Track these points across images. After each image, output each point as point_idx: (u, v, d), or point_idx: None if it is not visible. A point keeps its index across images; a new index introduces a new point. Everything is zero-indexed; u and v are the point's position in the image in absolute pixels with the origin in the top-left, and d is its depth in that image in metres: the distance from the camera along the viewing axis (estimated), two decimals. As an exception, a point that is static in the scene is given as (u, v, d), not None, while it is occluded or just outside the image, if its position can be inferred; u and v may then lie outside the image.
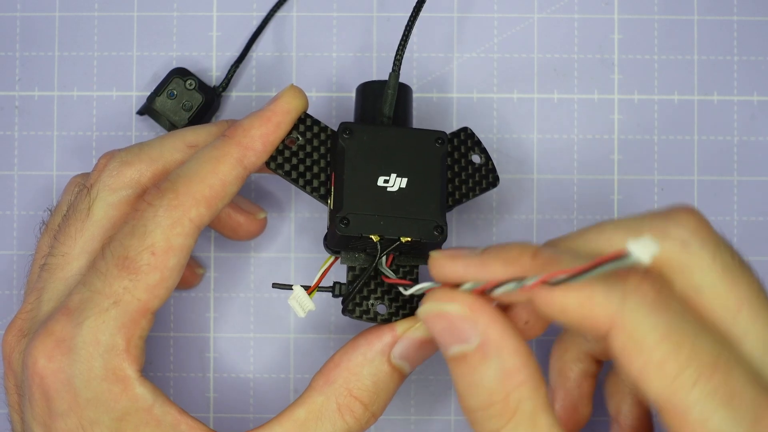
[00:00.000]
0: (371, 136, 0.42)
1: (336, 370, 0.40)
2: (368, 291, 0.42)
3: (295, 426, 0.40)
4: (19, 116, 0.50)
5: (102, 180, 0.42)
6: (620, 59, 0.50)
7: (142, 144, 0.43)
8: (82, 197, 0.42)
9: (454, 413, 0.49)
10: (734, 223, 0.49)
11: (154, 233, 0.39)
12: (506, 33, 0.50)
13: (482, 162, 0.44)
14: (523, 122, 0.50)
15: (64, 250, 0.41)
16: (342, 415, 0.40)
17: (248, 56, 0.50)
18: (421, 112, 0.50)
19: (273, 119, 0.41)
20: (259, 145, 0.41)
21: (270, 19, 0.50)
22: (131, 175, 0.42)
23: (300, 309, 0.41)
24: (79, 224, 0.41)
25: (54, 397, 0.38)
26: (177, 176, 0.40)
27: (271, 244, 0.49)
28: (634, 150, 0.50)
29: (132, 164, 0.42)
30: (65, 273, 0.41)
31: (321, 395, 0.40)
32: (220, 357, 0.49)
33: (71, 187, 0.44)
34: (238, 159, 0.41)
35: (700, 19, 0.50)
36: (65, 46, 0.50)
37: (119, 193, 0.42)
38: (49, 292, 0.41)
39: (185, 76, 0.48)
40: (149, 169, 0.42)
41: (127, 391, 0.39)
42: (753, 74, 0.50)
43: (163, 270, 0.39)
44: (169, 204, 0.39)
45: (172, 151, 0.42)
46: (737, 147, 0.50)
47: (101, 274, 0.39)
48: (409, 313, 0.41)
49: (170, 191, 0.40)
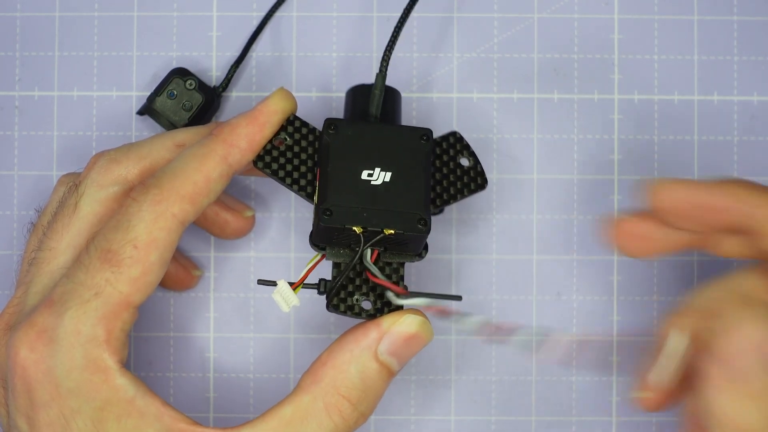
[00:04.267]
0: (356, 132, 0.42)
1: (323, 368, 0.40)
2: (353, 287, 0.41)
3: (281, 424, 0.39)
4: (19, 116, 0.50)
5: (90, 177, 0.43)
6: (620, 59, 0.50)
7: (133, 143, 0.44)
8: (71, 193, 0.43)
9: (454, 413, 0.49)
10: (734, 223, 0.49)
11: (137, 227, 0.39)
12: (506, 33, 0.50)
13: (471, 165, 0.44)
14: (523, 122, 0.50)
15: (51, 245, 0.42)
16: (329, 415, 0.40)
17: (248, 56, 0.50)
18: (422, 113, 0.50)
19: (259, 119, 0.42)
20: (244, 143, 0.41)
21: (269, 18, 0.50)
22: (119, 172, 0.43)
23: (284, 303, 0.41)
24: (66, 219, 0.42)
25: (36, 387, 0.39)
26: (162, 173, 0.41)
27: (271, 245, 0.50)
28: (634, 150, 0.50)
29: (120, 162, 0.43)
30: (51, 267, 0.42)
31: (308, 394, 0.40)
32: (220, 357, 0.49)
33: (60, 186, 0.45)
34: (222, 156, 0.41)
35: (700, 19, 0.50)
36: (65, 46, 0.50)
37: (106, 190, 0.42)
38: (35, 286, 0.41)
39: (185, 76, 0.48)
40: (137, 167, 0.43)
41: (108, 381, 0.39)
42: (753, 74, 0.50)
43: (145, 263, 0.39)
44: (153, 199, 0.40)
45: (161, 150, 0.43)
46: (737, 147, 0.50)
47: (84, 267, 0.39)
48: (395, 309, 0.41)
49: (154, 187, 0.40)
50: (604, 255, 0.49)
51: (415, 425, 0.49)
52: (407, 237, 0.41)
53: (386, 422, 0.49)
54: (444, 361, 0.49)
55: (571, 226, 0.49)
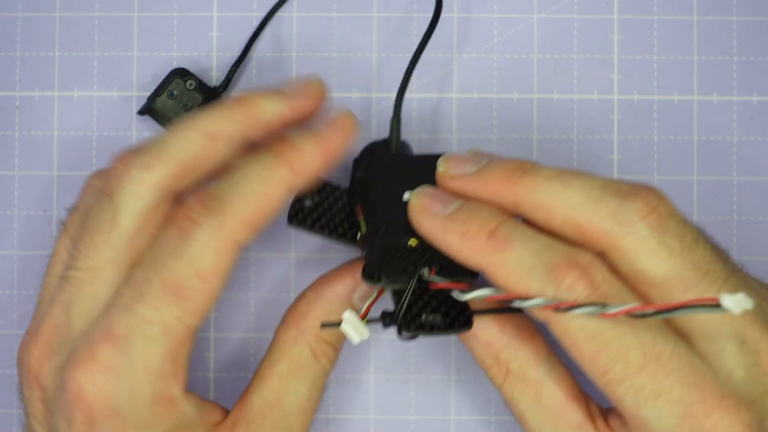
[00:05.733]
0: (385, 163, 0.43)
1: (306, 319, 0.43)
2: (419, 307, 0.41)
3: (281, 381, 0.42)
4: (19, 116, 0.50)
5: (125, 188, 0.40)
6: (620, 59, 0.50)
7: (157, 142, 0.40)
8: (103, 206, 0.40)
9: (454, 413, 0.49)
10: (734, 223, 0.49)
11: (201, 257, 0.38)
12: (506, 33, 0.50)
13: None
14: (523, 122, 0.50)
15: (89, 263, 0.40)
16: (318, 360, 0.43)
17: (248, 56, 0.50)
18: (422, 113, 0.50)
19: (330, 148, 0.41)
20: (309, 171, 0.40)
21: (270, 18, 0.50)
22: (154, 180, 0.40)
23: (356, 334, 0.41)
24: (104, 235, 0.40)
25: (100, 422, 0.38)
26: (225, 194, 0.39)
27: (271, 244, 0.50)
28: (634, 150, 0.50)
29: (153, 168, 0.40)
30: (93, 288, 0.40)
31: (296, 345, 0.42)
32: (220, 357, 0.49)
33: (89, 189, 0.43)
34: (287, 183, 0.40)
35: (699, 19, 0.50)
36: (65, 46, 0.50)
37: (144, 200, 0.40)
38: (78, 308, 0.40)
39: (185, 76, 0.48)
40: (172, 171, 0.40)
41: (174, 409, 0.39)
42: (753, 74, 0.50)
43: (209, 294, 0.39)
44: (216, 225, 0.38)
45: (193, 146, 0.40)
46: (737, 147, 0.50)
47: (147, 300, 0.38)
48: (466, 321, 0.40)
49: (218, 211, 0.38)
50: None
51: (415, 425, 0.49)
52: None
53: (386, 422, 0.49)
54: (444, 361, 0.49)
55: (571, 226, 0.50)
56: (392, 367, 0.49)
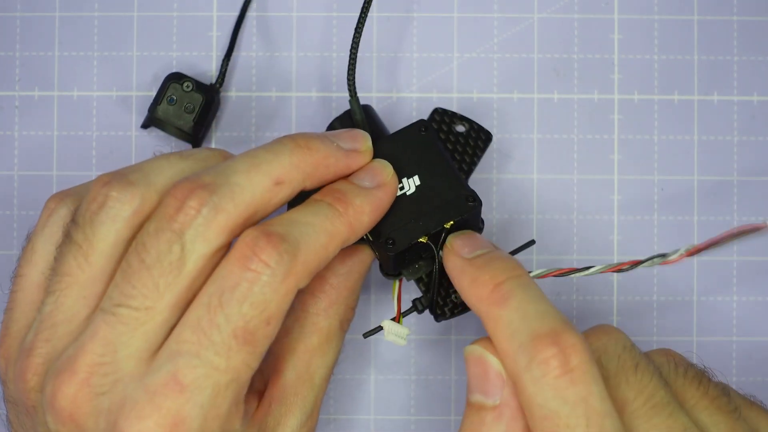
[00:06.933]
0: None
1: (335, 291, 0.43)
2: (445, 289, 0.43)
3: (312, 354, 0.43)
4: (19, 116, 0.50)
5: (195, 229, 0.38)
6: (620, 59, 0.50)
7: (231, 183, 0.39)
8: (169, 245, 0.38)
9: (454, 413, 0.49)
10: (734, 223, 0.50)
11: (271, 303, 0.37)
12: (506, 33, 0.50)
13: (468, 128, 0.47)
14: (523, 122, 0.50)
15: (147, 304, 0.38)
16: (343, 329, 0.44)
17: (248, 56, 0.50)
18: (422, 113, 0.50)
19: (381, 209, 0.41)
20: (362, 231, 0.41)
21: (245, 14, 0.50)
22: (224, 223, 0.38)
23: (399, 339, 0.43)
24: (170, 278, 0.38)
25: None
26: (296, 241, 0.38)
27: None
28: (634, 150, 0.50)
29: (225, 210, 0.38)
30: (147, 328, 0.38)
31: (326, 318, 0.43)
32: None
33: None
34: (344, 240, 0.40)
35: (700, 19, 0.50)
36: (65, 46, 0.50)
37: (213, 244, 0.38)
38: (128, 349, 0.38)
39: (181, 79, 0.48)
40: (242, 214, 0.38)
41: None
42: (753, 74, 0.50)
43: (272, 336, 0.38)
44: (286, 270, 0.38)
45: (264, 193, 0.39)
46: (737, 147, 0.50)
47: (218, 348, 0.37)
48: None
49: (290, 257, 0.38)
50: (604, 255, 0.49)
51: (415, 425, 0.49)
52: (466, 218, 0.42)
53: (386, 422, 0.49)
54: (444, 361, 0.49)
55: (571, 226, 0.50)
56: (392, 367, 0.49)
